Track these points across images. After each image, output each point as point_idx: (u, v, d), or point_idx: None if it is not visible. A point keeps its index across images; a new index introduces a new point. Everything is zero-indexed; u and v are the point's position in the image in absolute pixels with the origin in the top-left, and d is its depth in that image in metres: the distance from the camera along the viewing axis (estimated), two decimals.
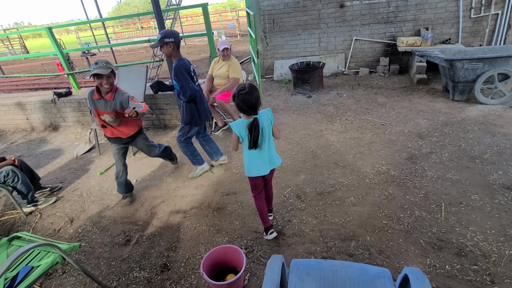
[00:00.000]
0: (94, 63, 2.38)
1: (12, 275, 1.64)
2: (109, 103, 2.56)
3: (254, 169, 2.08)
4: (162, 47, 2.70)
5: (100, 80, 2.43)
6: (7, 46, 19.23)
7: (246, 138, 1.97)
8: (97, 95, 2.56)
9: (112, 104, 2.57)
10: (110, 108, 2.58)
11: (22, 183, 2.88)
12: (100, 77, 2.42)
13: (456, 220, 2.26)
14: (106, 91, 2.52)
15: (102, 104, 2.58)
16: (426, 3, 5.59)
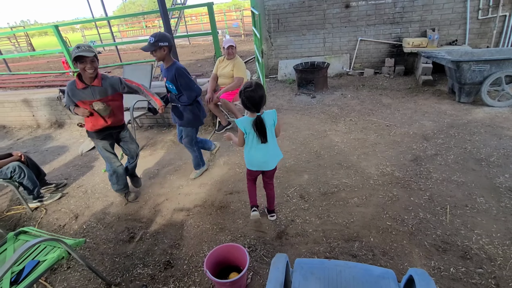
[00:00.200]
0: (76, 47, 2.23)
1: (18, 269, 1.66)
2: (97, 89, 2.42)
3: (254, 163, 2.24)
4: (156, 51, 2.57)
5: (84, 65, 2.26)
6: (14, 43, 19.41)
7: (250, 134, 2.11)
8: (81, 84, 2.37)
9: (102, 90, 2.44)
10: (100, 94, 2.44)
11: (28, 179, 2.91)
12: (83, 60, 2.25)
13: (461, 223, 2.24)
14: (90, 76, 2.35)
15: (90, 92, 2.41)
16: (433, 4, 5.56)
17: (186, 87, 2.70)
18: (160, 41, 2.54)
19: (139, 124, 4.87)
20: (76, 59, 2.25)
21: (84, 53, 2.21)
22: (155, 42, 2.52)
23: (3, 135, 5.40)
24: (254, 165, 2.24)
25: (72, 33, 36.97)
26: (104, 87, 2.46)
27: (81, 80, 2.39)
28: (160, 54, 2.61)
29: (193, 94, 2.75)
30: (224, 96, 3.97)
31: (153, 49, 2.55)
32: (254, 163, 2.22)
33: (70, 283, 2.12)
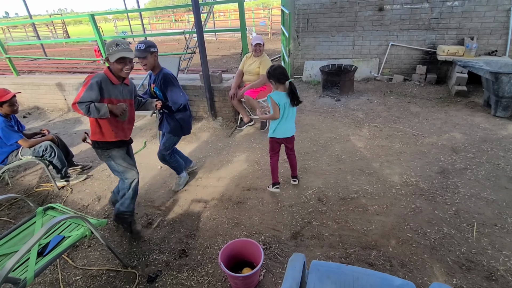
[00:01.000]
0: (115, 44, 2.00)
1: (45, 242, 1.74)
2: (126, 89, 2.23)
3: (280, 131, 2.64)
4: (146, 58, 2.41)
5: (122, 65, 2.04)
6: (51, 30, 20.42)
7: (282, 106, 2.50)
8: (116, 79, 2.12)
9: (129, 90, 2.26)
10: (127, 95, 2.23)
11: (58, 158, 3.05)
12: (124, 61, 2.03)
13: (488, 242, 2.13)
14: (127, 76, 2.17)
15: (120, 91, 2.16)
16: (474, 11, 5.29)
17: (171, 94, 2.57)
18: (151, 47, 2.43)
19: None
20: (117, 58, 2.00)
21: (127, 54, 2.00)
22: (146, 48, 2.39)
23: (36, 115, 5.70)
24: (281, 133, 2.64)
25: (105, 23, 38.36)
26: (131, 88, 2.28)
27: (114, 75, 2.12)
28: (152, 60, 2.46)
29: (178, 102, 2.59)
30: (248, 93, 3.98)
31: (145, 55, 2.40)
32: (283, 130, 2.63)
33: (89, 261, 2.21)
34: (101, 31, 9.72)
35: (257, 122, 4.39)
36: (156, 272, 2.07)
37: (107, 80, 2.08)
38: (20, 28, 25.45)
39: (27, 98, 6.00)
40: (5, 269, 1.28)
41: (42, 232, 1.42)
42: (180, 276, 2.03)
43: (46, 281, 2.06)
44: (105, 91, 2.06)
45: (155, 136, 4.26)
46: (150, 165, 3.53)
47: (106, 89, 2.06)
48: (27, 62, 12.32)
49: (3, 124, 2.80)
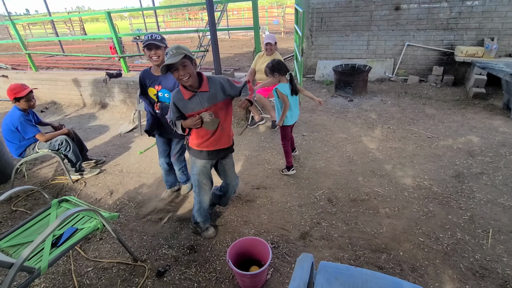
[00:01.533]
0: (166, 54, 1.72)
1: (58, 233, 1.79)
2: (206, 95, 1.86)
3: (292, 118, 2.95)
4: (161, 49, 2.24)
5: (177, 73, 1.73)
6: (69, 27, 20.93)
7: (289, 96, 2.78)
8: (187, 93, 1.85)
9: (211, 95, 1.87)
10: (209, 102, 1.88)
11: (73, 152, 3.13)
12: (174, 68, 1.71)
13: (504, 249, 2.06)
14: (190, 83, 1.80)
15: (198, 101, 1.86)
16: (495, 11, 5.12)
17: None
18: (164, 39, 2.28)
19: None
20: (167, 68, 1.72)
21: (170, 60, 1.66)
22: (162, 39, 2.25)
23: (53, 110, 5.86)
24: (292, 120, 2.95)
25: (121, 21, 39.05)
26: (212, 92, 1.88)
27: (185, 87, 1.85)
28: (163, 54, 2.20)
29: None
30: (260, 92, 3.98)
31: (164, 44, 2.25)
32: (294, 117, 2.96)
33: (101, 253, 2.26)
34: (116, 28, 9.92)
35: (268, 121, 4.38)
36: (165, 266, 2.09)
37: (180, 96, 1.87)
38: (40, 25, 26.20)
39: (45, 93, 6.17)
40: (21, 258, 1.33)
41: (56, 224, 1.46)
42: (188, 271, 2.06)
43: (59, 271, 2.12)
44: (185, 108, 1.90)
45: None
46: None
47: (183, 106, 1.89)
48: (45, 58, 12.67)
49: (22, 119, 2.89)
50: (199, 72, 1.88)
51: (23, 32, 22.52)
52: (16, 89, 2.87)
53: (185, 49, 1.74)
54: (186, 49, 1.74)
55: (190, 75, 1.75)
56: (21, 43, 6.17)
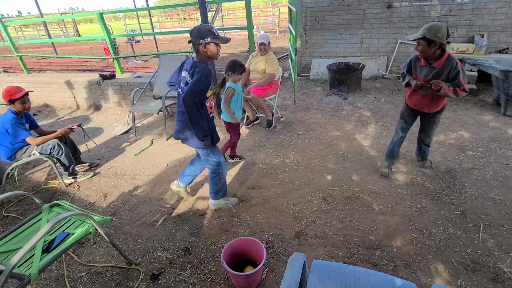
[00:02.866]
0: None
1: (50, 238, 1.78)
2: (434, 71, 2.38)
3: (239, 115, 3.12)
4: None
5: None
6: (62, 29, 20.75)
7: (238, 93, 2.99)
8: (423, 61, 2.44)
9: (437, 73, 2.37)
10: (433, 77, 2.39)
11: (65, 156, 3.10)
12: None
13: (495, 243, 2.09)
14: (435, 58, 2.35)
15: (426, 71, 2.44)
16: (484, 8, 5.16)
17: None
18: None
19: (169, 113, 5.02)
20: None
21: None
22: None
23: (46, 113, 5.81)
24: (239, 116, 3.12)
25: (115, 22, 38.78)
26: (442, 70, 2.35)
27: (425, 59, 2.43)
28: None
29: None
30: (254, 91, 3.98)
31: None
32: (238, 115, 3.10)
33: (94, 258, 2.25)
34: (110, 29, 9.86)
35: (263, 121, 4.38)
36: (159, 269, 2.09)
37: (416, 60, 2.53)
38: (32, 26, 25.94)
39: (37, 96, 6.11)
40: (10, 265, 1.32)
41: (46, 229, 1.45)
42: (183, 273, 2.05)
43: (52, 277, 2.10)
44: (415, 69, 2.56)
45: (161, 134, 4.29)
46: (156, 162, 3.57)
47: (414, 66, 2.56)
48: (38, 60, 12.55)
49: (13, 121, 2.87)
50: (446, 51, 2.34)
51: (15, 34, 22.29)
52: (11, 91, 2.84)
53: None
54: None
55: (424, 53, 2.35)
56: (12, 46, 6.10)
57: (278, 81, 4.29)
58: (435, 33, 2.20)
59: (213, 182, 2.52)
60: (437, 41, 2.24)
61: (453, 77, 2.33)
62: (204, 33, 2.00)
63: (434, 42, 2.25)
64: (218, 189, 2.56)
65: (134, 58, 11.48)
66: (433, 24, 2.23)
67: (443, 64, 2.33)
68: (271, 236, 2.32)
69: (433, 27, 2.22)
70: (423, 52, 2.35)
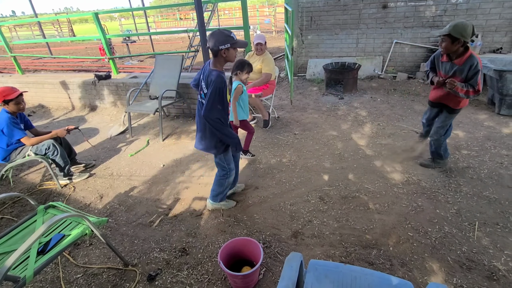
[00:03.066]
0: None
1: (45, 240, 1.76)
2: (455, 67, 2.45)
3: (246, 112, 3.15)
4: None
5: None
6: (57, 29, 20.58)
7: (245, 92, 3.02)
8: (446, 57, 2.52)
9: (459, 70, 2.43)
10: (454, 73, 2.47)
11: (61, 156, 3.08)
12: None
13: (490, 241, 2.11)
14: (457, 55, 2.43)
15: (448, 68, 2.52)
16: (479, 8, 5.21)
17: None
18: None
19: (166, 113, 5.00)
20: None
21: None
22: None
23: (41, 114, 5.76)
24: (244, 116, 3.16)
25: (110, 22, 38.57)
26: (463, 68, 2.41)
27: (447, 55, 2.50)
28: None
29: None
30: (250, 91, 3.97)
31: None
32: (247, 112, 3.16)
33: (90, 259, 2.23)
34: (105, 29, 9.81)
35: (260, 121, 4.38)
36: (156, 270, 2.08)
37: (439, 56, 2.62)
38: (27, 27, 25.70)
39: (32, 97, 6.06)
40: (4, 267, 1.30)
41: (41, 231, 1.44)
42: (180, 274, 2.05)
43: (47, 279, 2.09)
44: (438, 66, 2.65)
45: (158, 134, 4.28)
46: (152, 163, 3.55)
47: (438, 63, 2.64)
48: (32, 60, 12.45)
49: (9, 121, 2.84)
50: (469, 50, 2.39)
51: (9, 34, 22.07)
52: (5, 92, 2.82)
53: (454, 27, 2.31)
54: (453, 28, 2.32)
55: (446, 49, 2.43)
56: (6, 46, 6.04)
57: (274, 81, 4.29)
58: (460, 31, 2.26)
59: (218, 184, 2.52)
60: (461, 39, 2.29)
61: (471, 76, 2.39)
62: (224, 39, 2.00)
63: (458, 40, 2.30)
64: (220, 192, 2.55)
65: (130, 58, 11.42)
66: (459, 22, 2.29)
67: (464, 61, 2.39)
68: (268, 236, 2.32)
69: (459, 25, 2.27)
70: (446, 48, 2.41)
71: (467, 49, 2.38)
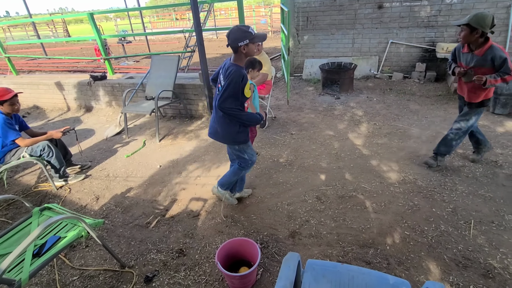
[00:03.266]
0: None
1: (41, 242, 1.75)
2: (475, 58, 2.47)
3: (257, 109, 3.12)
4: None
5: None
6: (52, 29, 20.41)
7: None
8: (466, 48, 2.55)
9: (480, 60, 2.45)
10: (475, 64, 2.49)
11: (56, 158, 3.05)
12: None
13: (485, 240, 2.13)
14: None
15: (469, 58, 2.54)
16: (473, 8, 5.26)
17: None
18: None
19: (162, 114, 4.98)
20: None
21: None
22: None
23: (36, 115, 5.71)
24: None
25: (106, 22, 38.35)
26: (483, 59, 2.43)
27: (468, 46, 2.52)
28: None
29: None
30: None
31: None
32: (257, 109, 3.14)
33: (87, 261, 2.21)
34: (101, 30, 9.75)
35: None
36: (153, 272, 2.07)
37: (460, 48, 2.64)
38: (21, 27, 25.46)
39: (26, 98, 6.00)
40: (0, 270, 1.29)
41: (37, 233, 1.42)
42: (178, 275, 2.04)
43: (43, 282, 2.07)
44: (458, 56, 2.67)
45: (154, 135, 4.26)
46: (149, 164, 3.54)
47: (458, 54, 2.67)
48: (27, 61, 12.33)
49: (3, 122, 2.82)
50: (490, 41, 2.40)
51: (3, 35, 21.85)
52: (0, 93, 2.79)
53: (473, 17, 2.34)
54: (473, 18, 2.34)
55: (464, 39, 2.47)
56: (0, 46, 5.98)
57: (271, 81, 4.30)
58: (478, 21, 2.29)
59: (233, 173, 2.54)
60: (479, 29, 2.32)
61: (499, 66, 2.38)
62: (242, 35, 2.01)
63: (477, 30, 2.33)
64: (231, 181, 2.58)
65: (125, 58, 11.36)
66: (479, 13, 2.32)
67: (485, 52, 2.40)
68: (265, 236, 2.32)
69: (478, 15, 2.30)
70: (464, 38, 2.44)
71: (487, 40, 2.40)
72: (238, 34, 2.01)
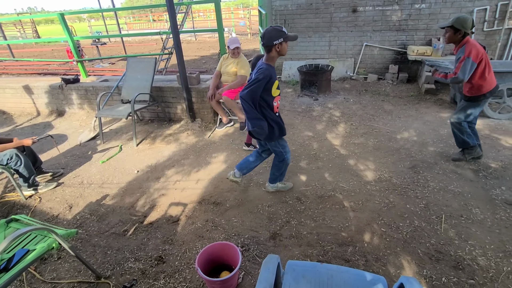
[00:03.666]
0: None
1: (8, 256, 1.65)
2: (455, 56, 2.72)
3: None
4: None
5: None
6: (19, 30, 19.37)
7: None
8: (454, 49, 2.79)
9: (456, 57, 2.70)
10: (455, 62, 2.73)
11: (25, 166, 2.89)
12: None
13: (455, 233, 2.23)
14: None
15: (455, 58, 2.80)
16: (440, 13, 5.54)
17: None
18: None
19: (139, 117, 4.86)
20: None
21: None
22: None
23: (2, 121, 5.39)
24: None
25: (79, 23, 36.93)
26: (457, 55, 2.69)
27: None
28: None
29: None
30: (226, 94, 3.96)
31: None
32: None
33: (59, 274, 2.11)
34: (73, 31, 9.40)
35: (236, 123, 4.37)
36: (131, 281, 2.01)
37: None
38: None
39: None
40: None
41: (2, 247, 1.34)
42: (157, 284, 1.99)
43: None
44: None
45: (131, 140, 4.14)
46: (126, 169, 3.43)
47: None
48: None
49: None
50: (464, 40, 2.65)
51: None
52: None
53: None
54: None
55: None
56: None
57: None
58: (461, 23, 2.58)
59: (276, 168, 2.69)
60: (462, 30, 2.60)
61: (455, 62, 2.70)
62: (278, 34, 2.15)
63: (460, 31, 2.61)
64: (278, 175, 2.73)
65: (100, 61, 10.99)
66: (461, 16, 2.61)
67: (458, 50, 2.70)
68: (246, 239, 2.32)
69: (461, 18, 2.59)
70: (449, 38, 2.72)
71: (463, 39, 2.65)
72: (274, 33, 2.15)
